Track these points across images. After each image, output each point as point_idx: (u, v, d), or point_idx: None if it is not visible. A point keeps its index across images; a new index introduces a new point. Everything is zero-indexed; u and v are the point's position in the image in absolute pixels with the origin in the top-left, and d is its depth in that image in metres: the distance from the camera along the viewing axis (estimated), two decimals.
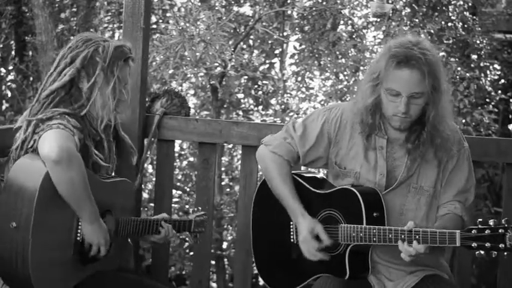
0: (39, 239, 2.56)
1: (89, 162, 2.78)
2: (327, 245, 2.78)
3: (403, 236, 2.59)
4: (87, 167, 2.73)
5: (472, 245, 2.46)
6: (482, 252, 2.46)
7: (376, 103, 2.75)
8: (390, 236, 2.63)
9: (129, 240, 3.20)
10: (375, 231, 2.66)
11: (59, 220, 2.64)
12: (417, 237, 2.56)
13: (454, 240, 2.49)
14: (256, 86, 11.31)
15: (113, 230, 2.81)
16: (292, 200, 2.87)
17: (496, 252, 2.44)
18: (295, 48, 10.02)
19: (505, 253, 2.44)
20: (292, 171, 2.99)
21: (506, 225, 2.44)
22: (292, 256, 2.92)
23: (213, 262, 10.16)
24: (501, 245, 2.43)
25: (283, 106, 10.55)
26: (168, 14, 9.14)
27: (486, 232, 2.45)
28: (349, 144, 2.86)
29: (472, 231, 2.47)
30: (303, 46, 9.56)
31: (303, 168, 3.05)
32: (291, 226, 2.93)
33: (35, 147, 2.64)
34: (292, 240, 2.92)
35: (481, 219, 2.49)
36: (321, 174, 3.06)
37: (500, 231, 2.43)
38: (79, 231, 2.68)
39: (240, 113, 11.43)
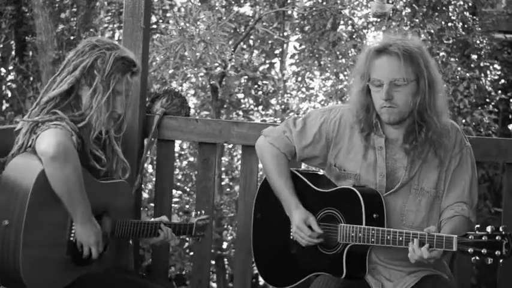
0: (31, 237, 2.55)
1: (87, 166, 2.78)
2: (319, 233, 2.79)
3: (400, 238, 2.59)
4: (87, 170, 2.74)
5: (469, 250, 2.44)
6: (477, 258, 2.44)
7: (368, 100, 2.75)
8: (388, 237, 2.63)
9: (130, 240, 3.19)
10: (373, 231, 2.66)
11: (52, 219, 2.63)
12: (414, 240, 2.56)
13: (450, 245, 2.48)
14: (256, 86, 11.32)
15: (109, 231, 2.80)
16: (287, 192, 2.88)
17: (491, 259, 2.42)
18: (295, 48, 10.02)
19: (501, 260, 2.42)
20: (294, 168, 3.00)
21: (503, 233, 2.41)
22: (291, 252, 2.92)
23: (213, 262, 10.17)
24: (497, 252, 2.40)
25: (283, 106, 10.56)
26: (168, 14, 9.15)
27: (483, 238, 2.42)
28: (348, 145, 2.86)
29: (469, 237, 2.45)
30: (303, 46, 9.56)
31: (303, 166, 3.06)
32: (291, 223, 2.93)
33: (33, 146, 2.64)
34: (292, 237, 2.93)
35: (478, 225, 2.48)
36: (322, 172, 3.06)
37: (497, 238, 2.41)
38: (73, 231, 2.67)
39: (240, 113, 11.43)
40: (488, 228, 2.44)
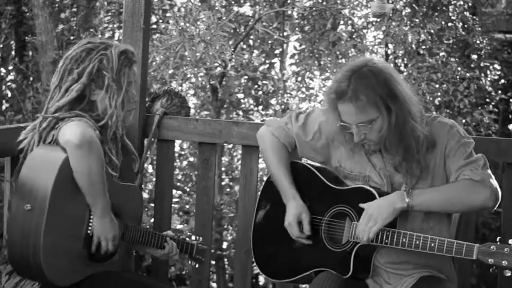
0: (53, 224, 2.54)
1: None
2: (307, 234, 2.81)
3: (417, 242, 2.59)
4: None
5: (489, 260, 2.49)
6: (496, 269, 2.51)
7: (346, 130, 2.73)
8: (404, 240, 2.63)
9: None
10: (388, 233, 2.65)
11: (73, 210, 2.63)
12: (432, 245, 2.57)
13: (471, 253, 2.52)
14: (256, 86, 11.33)
15: (121, 234, 2.80)
16: (285, 181, 2.89)
17: (511, 272, 2.50)
18: (295, 48, 10.04)
19: None
20: (306, 160, 2.99)
21: None
22: (296, 245, 2.90)
23: (213, 262, 10.18)
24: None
25: (283, 106, 10.56)
26: (168, 14, 9.15)
27: (505, 250, 2.48)
28: (351, 148, 2.81)
29: (491, 247, 2.50)
30: (303, 46, 9.57)
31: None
32: None
33: (54, 140, 2.64)
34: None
35: (500, 237, 2.54)
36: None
37: None
38: (90, 225, 2.68)
39: (240, 113, 11.45)
40: (511, 241, 2.49)
